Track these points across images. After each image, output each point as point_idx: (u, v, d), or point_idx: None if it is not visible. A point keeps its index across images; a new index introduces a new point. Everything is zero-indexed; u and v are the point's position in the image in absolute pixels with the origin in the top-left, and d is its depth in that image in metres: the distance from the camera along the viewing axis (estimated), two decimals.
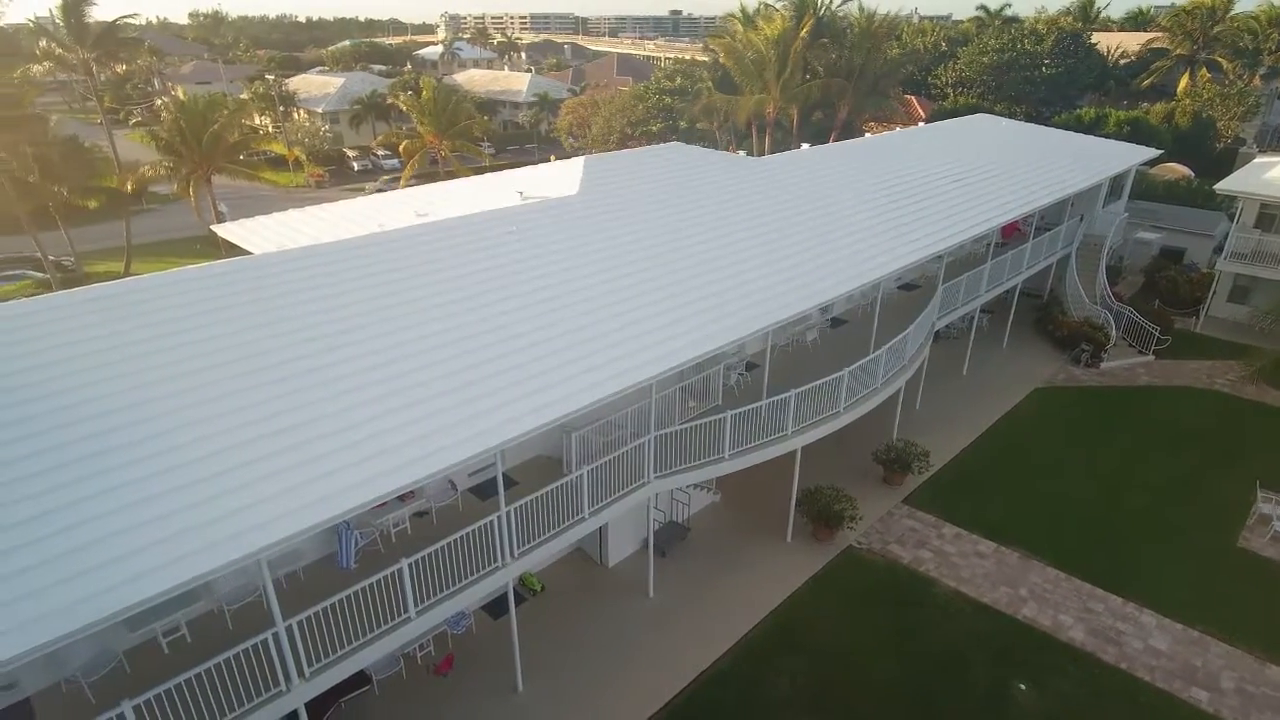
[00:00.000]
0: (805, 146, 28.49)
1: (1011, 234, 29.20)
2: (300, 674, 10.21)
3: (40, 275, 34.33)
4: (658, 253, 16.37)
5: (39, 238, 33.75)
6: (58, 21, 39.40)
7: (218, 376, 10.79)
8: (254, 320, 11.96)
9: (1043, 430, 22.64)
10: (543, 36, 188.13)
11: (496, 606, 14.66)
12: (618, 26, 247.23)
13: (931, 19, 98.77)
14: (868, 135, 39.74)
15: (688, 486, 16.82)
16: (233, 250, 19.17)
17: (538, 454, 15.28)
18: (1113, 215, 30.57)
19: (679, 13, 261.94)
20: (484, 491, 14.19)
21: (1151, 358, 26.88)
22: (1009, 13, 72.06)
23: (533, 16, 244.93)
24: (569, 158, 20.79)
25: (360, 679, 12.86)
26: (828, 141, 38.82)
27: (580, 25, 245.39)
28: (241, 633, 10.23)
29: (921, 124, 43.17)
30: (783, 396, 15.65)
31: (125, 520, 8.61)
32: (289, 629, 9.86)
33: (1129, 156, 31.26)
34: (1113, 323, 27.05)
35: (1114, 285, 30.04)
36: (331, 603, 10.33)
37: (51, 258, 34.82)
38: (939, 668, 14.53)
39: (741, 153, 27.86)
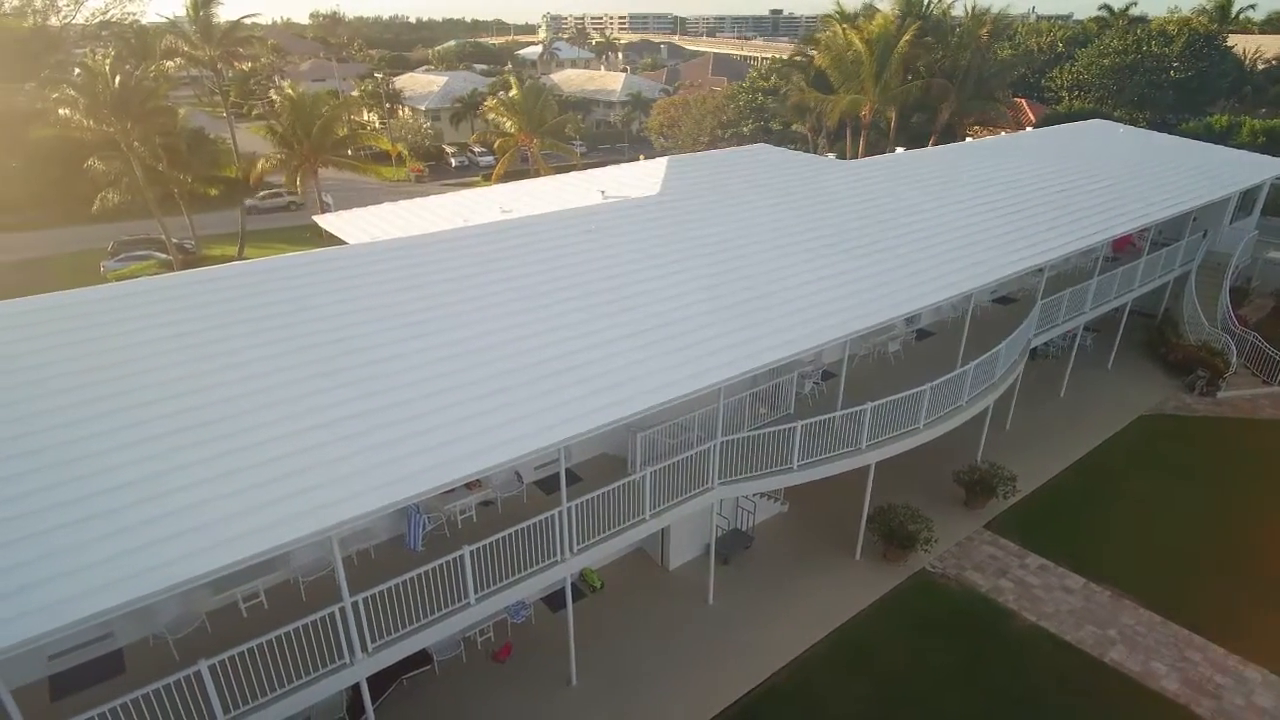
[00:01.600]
0: (900, 150, 27.51)
1: (1124, 247, 27.32)
2: (364, 648, 10.60)
3: (163, 256, 37.17)
4: (737, 255, 16.15)
5: (164, 221, 36.57)
6: (189, 21, 42.74)
7: (302, 360, 11.34)
8: (336, 310, 12.50)
9: (1146, 461, 21.03)
10: (641, 36, 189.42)
11: (556, 599, 14.82)
12: (716, 26, 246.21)
13: (1049, 18, 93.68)
14: (969, 140, 38.04)
15: (754, 495, 16.56)
16: (333, 239, 20.15)
17: (603, 452, 15.37)
18: (1241, 232, 28.10)
19: (779, 12, 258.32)
20: (549, 485, 14.38)
21: (1277, 389, 24.56)
22: (1135, 12, 67.30)
23: (631, 16, 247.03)
24: (659, 157, 20.80)
25: (422, 658, 13.29)
26: (926, 145, 37.37)
27: (679, 25, 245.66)
28: (314, 603, 10.72)
29: (1029, 129, 41.02)
30: (858, 409, 15.14)
31: (209, 492, 9.15)
32: (355, 604, 10.26)
33: (1263, 169, 28.58)
34: (1234, 349, 24.86)
35: (1238, 308, 27.60)
36: (396, 583, 10.69)
37: (174, 240, 37.66)
38: (1012, 705, 13.72)
39: (831, 155, 27.16)
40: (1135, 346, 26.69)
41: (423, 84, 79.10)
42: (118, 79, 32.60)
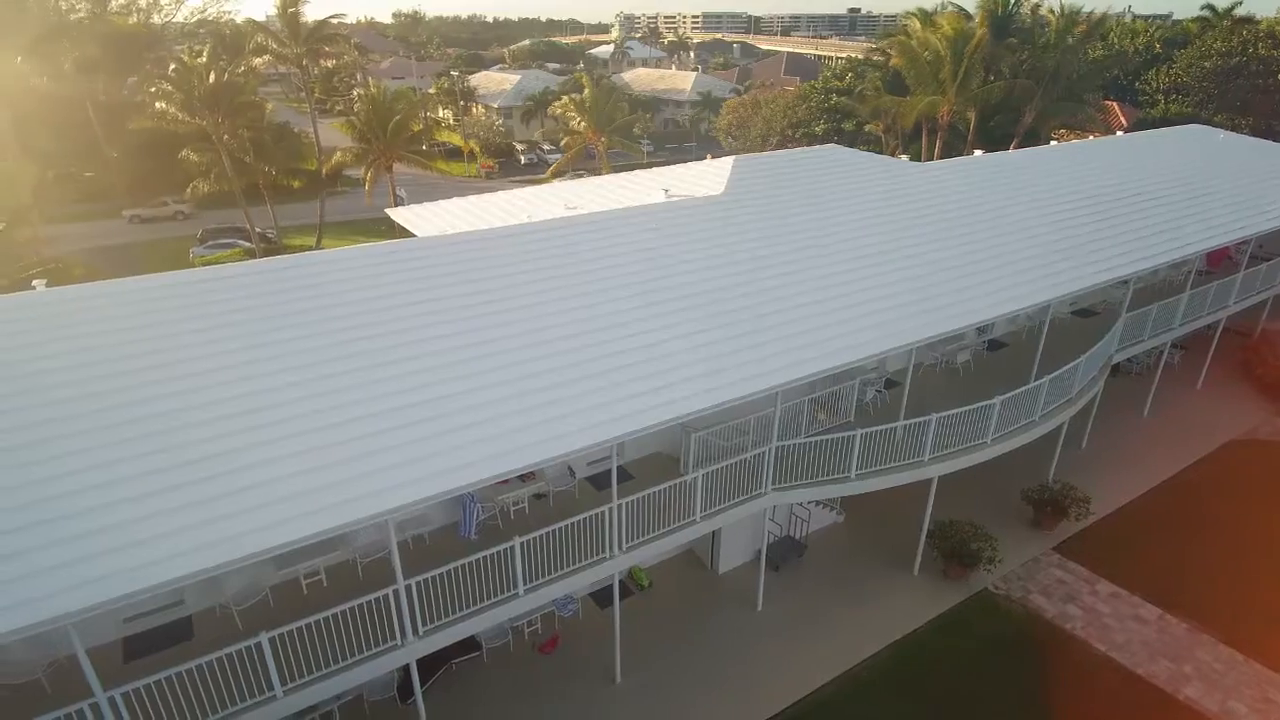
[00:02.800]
0: (978, 153, 26.55)
1: (1220, 261, 25.68)
2: (415, 631, 10.84)
3: (247, 244, 38.98)
4: (800, 257, 15.84)
5: (248, 211, 38.31)
6: (278, 19, 44.76)
7: (367, 349, 11.65)
8: (402, 300, 12.78)
9: (1235, 489, 19.71)
10: (714, 35, 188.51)
11: (603, 596, 14.86)
12: (791, 25, 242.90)
13: (1146, 18, 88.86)
14: (1054, 143, 36.42)
15: (808, 503, 16.23)
16: (404, 232, 20.71)
17: (657, 450, 15.31)
18: None
19: (857, 10, 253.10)
20: (600, 482, 14.41)
21: None
22: (1241, 12, 63.04)
23: (705, 16, 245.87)
24: (725, 157, 20.62)
25: (472, 644, 13.53)
26: (1008, 148, 35.94)
27: (753, 24, 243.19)
28: (370, 584, 11.03)
29: (1120, 133, 39.00)
30: (922, 419, 14.66)
31: (275, 471, 9.49)
32: (409, 587, 10.50)
33: None
34: None
35: None
36: (448, 569, 10.88)
37: (258, 229, 39.42)
38: None
39: (904, 157, 26.40)
40: (1228, 366, 25.08)
41: (496, 82, 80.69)
42: (211, 75, 34.29)
